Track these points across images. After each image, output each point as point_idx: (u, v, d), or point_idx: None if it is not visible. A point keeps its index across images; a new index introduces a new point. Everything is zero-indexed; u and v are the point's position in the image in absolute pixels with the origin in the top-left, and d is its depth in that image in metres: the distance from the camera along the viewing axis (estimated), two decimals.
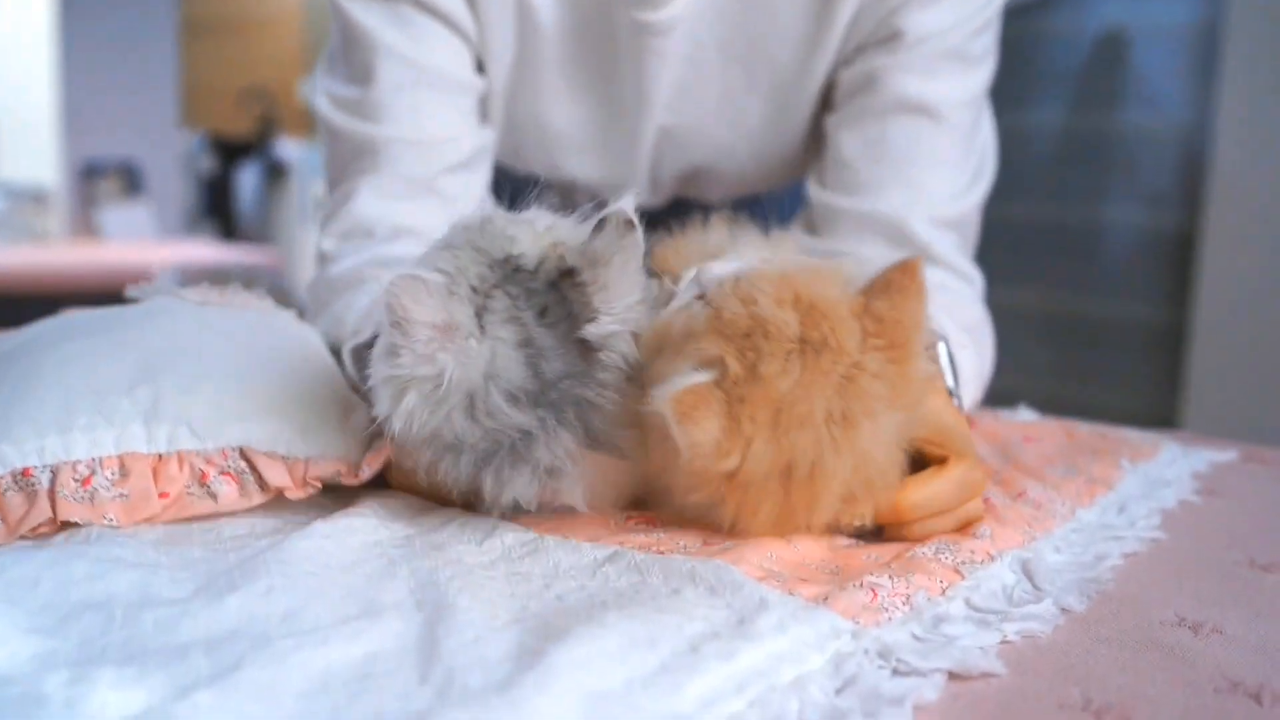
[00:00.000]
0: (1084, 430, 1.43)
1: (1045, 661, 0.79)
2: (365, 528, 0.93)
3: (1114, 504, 1.14)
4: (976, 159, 1.45)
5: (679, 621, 0.75)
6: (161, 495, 0.94)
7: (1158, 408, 2.71)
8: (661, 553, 0.89)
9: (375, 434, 0.96)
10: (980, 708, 0.72)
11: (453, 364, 0.85)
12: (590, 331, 0.86)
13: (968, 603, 0.87)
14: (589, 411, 0.88)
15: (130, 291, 1.28)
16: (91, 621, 0.74)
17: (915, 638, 0.80)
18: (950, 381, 1.17)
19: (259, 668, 0.67)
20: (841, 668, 0.74)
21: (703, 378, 0.85)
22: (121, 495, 0.93)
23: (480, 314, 0.85)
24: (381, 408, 0.88)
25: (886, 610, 0.82)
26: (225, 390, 1.00)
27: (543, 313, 0.86)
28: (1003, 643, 0.81)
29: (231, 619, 0.75)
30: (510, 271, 0.86)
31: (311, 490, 0.99)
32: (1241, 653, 0.82)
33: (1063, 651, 0.81)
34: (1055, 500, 1.11)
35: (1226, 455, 1.39)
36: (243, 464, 0.97)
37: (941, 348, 1.19)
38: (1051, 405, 1.67)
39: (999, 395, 1.51)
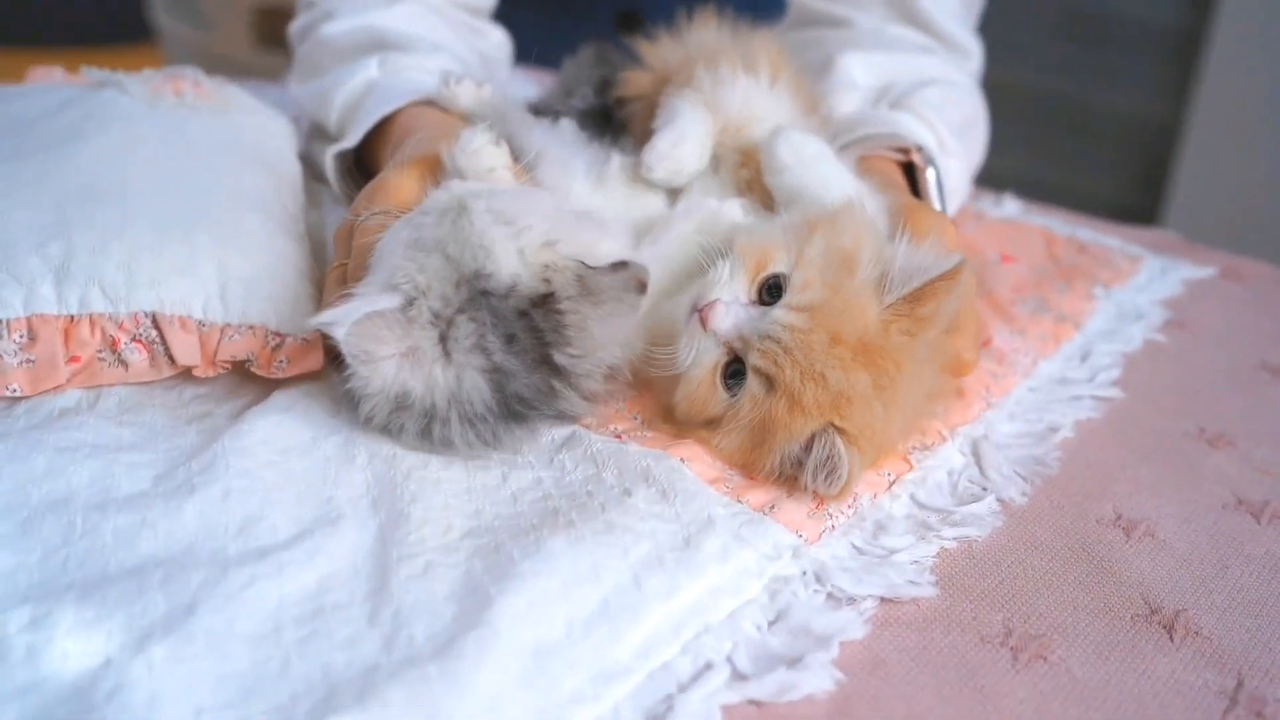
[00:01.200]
0: (1064, 238, 1.40)
1: (975, 578, 0.83)
2: (327, 395, 0.92)
3: (1078, 351, 1.15)
4: None
5: (625, 543, 0.77)
6: (72, 360, 0.91)
7: (1141, 200, 2.66)
8: (620, 438, 0.90)
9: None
10: (903, 641, 0.76)
11: (420, 388, 0.84)
12: (561, 358, 0.84)
13: (912, 499, 0.90)
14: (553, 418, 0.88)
15: (84, 71, 1.21)
16: (53, 529, 0.76)
17: (855, 549, 0.83)
18: (937, 205, 1.15)
19: (213, 611, 0.70)
20: (777, 597, 0.77)
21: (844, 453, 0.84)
22: (28, 361, 0.90)
23: (444, 339, 0.82)
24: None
25: (830, 517, 0.85)
26: (143, 245, 0.95)
27: (510, 340, 0.82)
28: (938, 554, 0.84)
29: (189, 532, 0.77)
30: (477, 294, 0.82)
31: (221, 371, 0.94)
32: (1167, 566, 0.86)
33: (995, 563, 0.85)
34: (1019, 350, 1.11)
35: (1205, 272, 1.37)
36: (154, 332, 0.93)
37: (931, 175, 1.16)
38: (1037, 189, 1.63)
39: (987, 175, 1.47)
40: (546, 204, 0.89)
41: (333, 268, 0.96)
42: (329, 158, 1.16)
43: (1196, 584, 0.84)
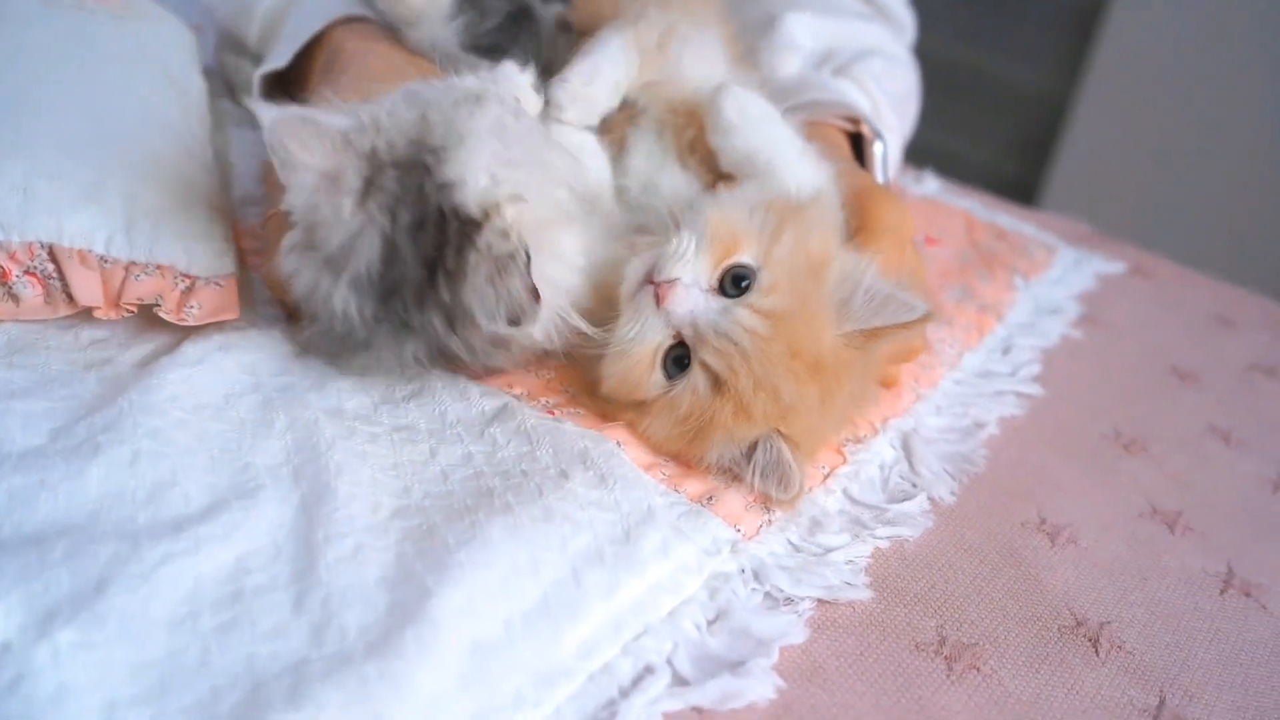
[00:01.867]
0: (983, 223, 1.41)
1: (908, 581, 0.82)
2: (243, 348, 0.86)
3: (999, 344, 1.15)
4: None
5: (563, 535, 0.74)
6: None
7: (1025, 173, 2.70)
8: (553, 413, 0.86)
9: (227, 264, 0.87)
10: (840, 646, 0.75)
11: (328, 214, 0.76)
12: (444, 290, 0.78)
13: (845, 494, 0.88)
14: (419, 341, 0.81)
15: None
16: None
17: (792, 546, 0.82)
18: (881, 178, 1.14)
19: (125, 590, 0.64)
20: (717, 595, 0.76)
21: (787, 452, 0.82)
22: None
23: (368, 182, 0.76)
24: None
25: (768, 511, 0.83)
26: (44, 166, 0.86)
27: (418, 226, 0.76)
28: (872, 554, 0.84)
29: (93, 497, 0.71)
30: (420, 165, 0.76)
31: (125, 314, 0.87)
32: (1090, 575, 0.86)
33: (926, 565, 0.84)
34: (945, 341, 1.11)
35: (1115, 267, 1.40)
36: (50, 265, 0.85)
37: (878, 149, 1.14)
38: (924, 155, 1.63)
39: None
40: (555, 165, 0.83)
41: (272, 212, 0.88)
42: (255, 80, 1.08)
43: (1118, 595, 0.85)
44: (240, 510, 0.72)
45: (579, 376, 0.90)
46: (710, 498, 0.82)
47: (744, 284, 0.82)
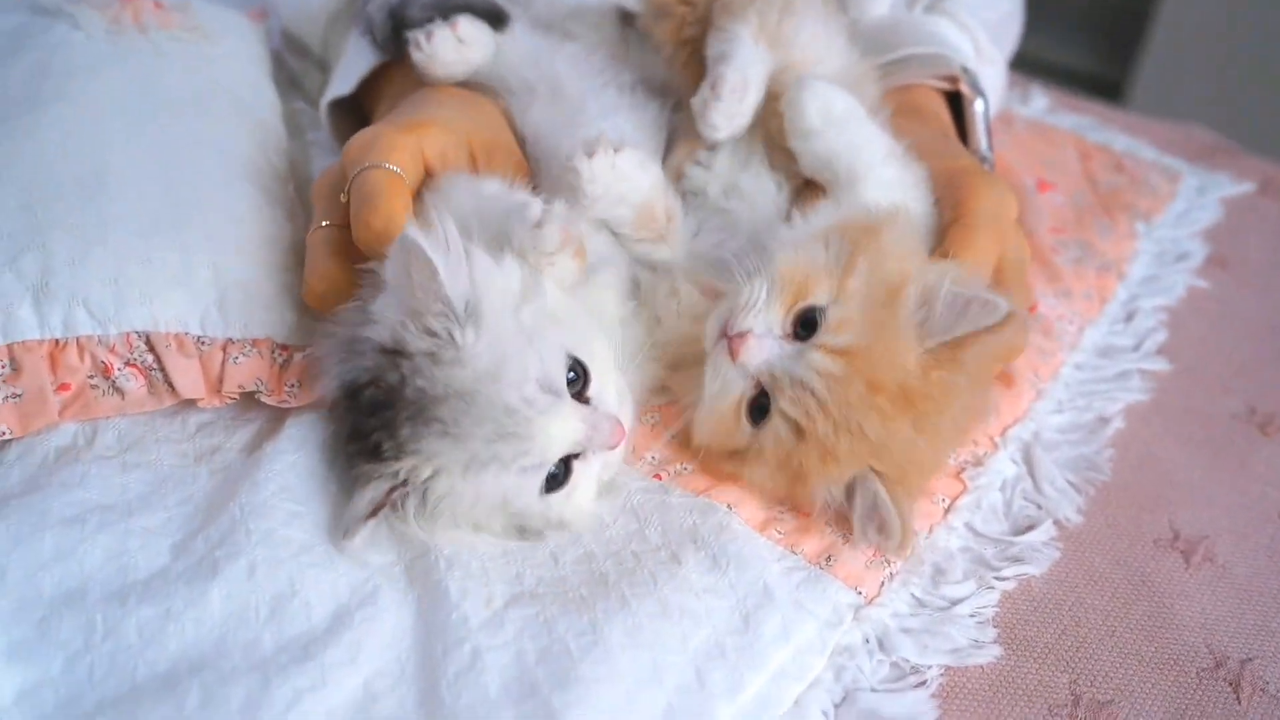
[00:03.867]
0: (1096, 149, 1.32)
1: (1037, 629, 0.80)
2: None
3: (1122, 310, 1.09)
4: None
5: (683, 632, 0.73)
6: (61, 388, 0.82)
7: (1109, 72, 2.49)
8: (659, 478, 0.84)
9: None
10: (971, 715, 0.74)
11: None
12: None
13: (968, 528, 0.86)
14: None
15: None
16: (72, 630, 0.70)
17: (916, 601, 0.80)
18: (983, 140, 1.07)
19: None
20: (842, 675, 0.74)
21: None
22: (14, 396, 0.81)
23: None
24: None
25: (889, 564, 0.81)
26: (129, 251, 0.84)
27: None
28: (999, 602, 0.81)
29: (218, 620, 0.71)
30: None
31: (228, 402, 0.86)
32: (1228, 601, 0.83)
33: (1055, 607, 0.82)
34: (1065, 318, 1.05)
35: (1243, 188, 1.31)
36: (149, 356, 0.84)
37: (979, 107, 1.07)
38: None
39: None
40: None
41: (316, 229, 0.87)
42: (323, 110, 1.05)
43: (1259, 623, 0.82)
44: (363, 624, 0.72)
45: (683, 417, 0.88)
46: (829, 557, 0.80)
47: (815, 322, 0.79)
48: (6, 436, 0.81)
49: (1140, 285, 1.13)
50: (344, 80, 1.04)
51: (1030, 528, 0.86)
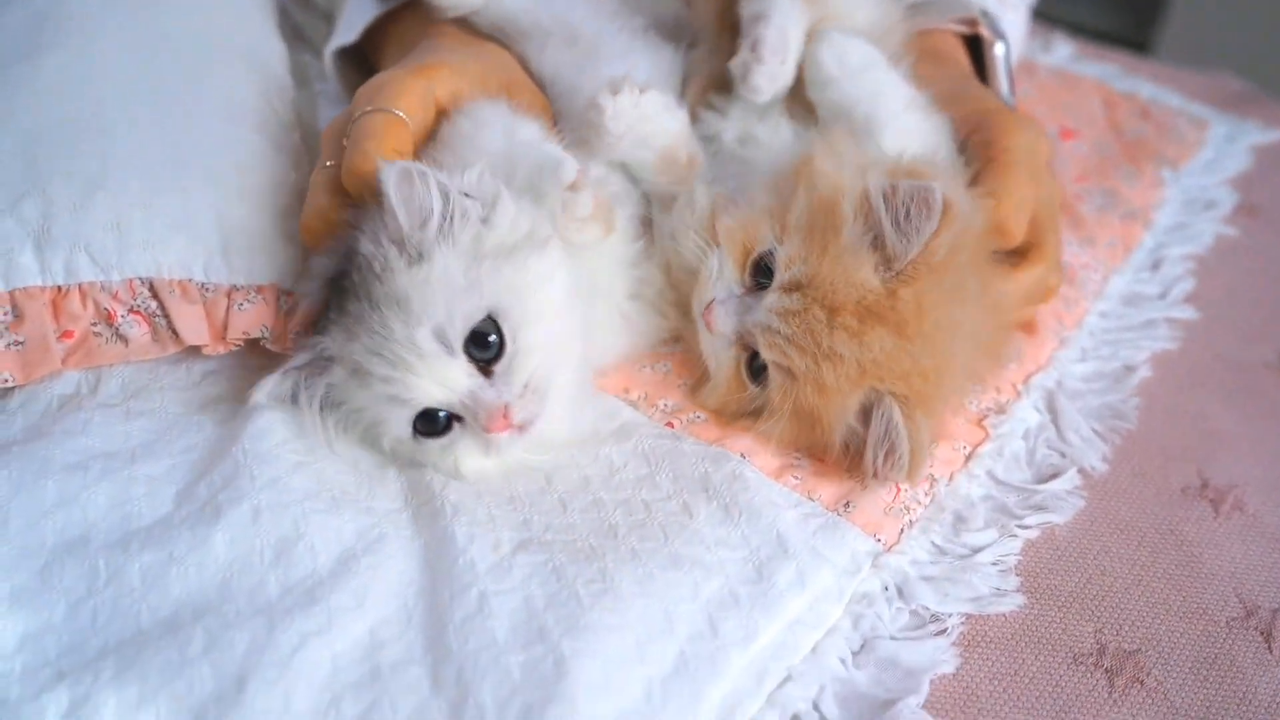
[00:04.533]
0: (1122, 97, 1.29)
1: (1061, 576, 0.78)
2: None
3: (1148, 258, 1.07)
4: None
5: (694, 581, 0.71)
6: (64, 336, 0.80)
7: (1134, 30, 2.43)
8: (672, 425, 0.83)
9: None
10: (993, 666, 0.72)
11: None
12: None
13: (990, 475, 0.84)
14: None
15: None
16: (74, 577, 0.69)
17: (936, 549, 0.78)
18: (1004, 84, 1.04)
19: (266, 684, 0.64)
20: (860, 623, 0.72)
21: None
22: (16, 343, 0.79)
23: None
24: None
25: (908, 510, 0.79)
26: (131, 196, 0.83)
27: None
28: (1021, 550, 0.79)
29: (221, 565, 0.70)
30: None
31: (233, 348, 0.84)
32: (1259, 549, 0.81)
33: (1080, 554, 0.80)
34: (1089, 266, 1.03)
35: (1273, 135, 1.27)
36: (153, 302, 0.82)
37: (999, 50, 1.04)
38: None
39: None
40: None
41: (320, 168, 0.84)
42: (328, 58, 1.03)
43: None
44: (368, 569, 0.71)
45: (697, 367, 0.86)
46: (848, 503, 0.78)
47: (771, 269, 0.79)
48: (9, 384, 0.80)
49: (1167, 233, 1.10)
50: (349, 28, 1.01)
51: (1054, 476, 0.84)
